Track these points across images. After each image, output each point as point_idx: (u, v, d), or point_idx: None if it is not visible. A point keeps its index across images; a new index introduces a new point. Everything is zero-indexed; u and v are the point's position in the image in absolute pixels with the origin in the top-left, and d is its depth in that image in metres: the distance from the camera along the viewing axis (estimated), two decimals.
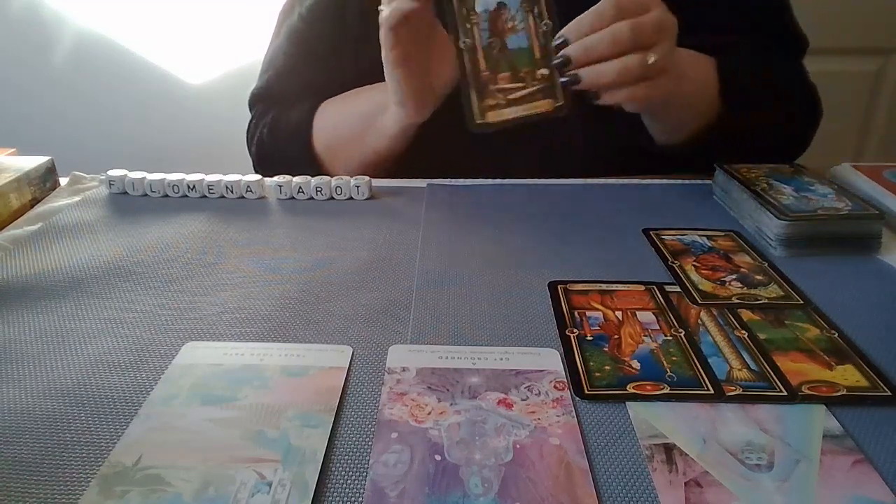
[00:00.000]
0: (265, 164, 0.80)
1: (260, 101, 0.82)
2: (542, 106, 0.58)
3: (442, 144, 0.68)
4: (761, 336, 0.44)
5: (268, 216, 0.63)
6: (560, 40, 0.56)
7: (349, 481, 0.32)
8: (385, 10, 0.58)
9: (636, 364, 0.41)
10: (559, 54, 0.56)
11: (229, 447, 0.34)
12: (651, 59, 0.54)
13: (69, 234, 0.58)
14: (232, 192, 0.66)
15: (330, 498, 0.32)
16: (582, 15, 0.55)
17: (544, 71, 0.57)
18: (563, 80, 0.56)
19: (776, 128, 0.70)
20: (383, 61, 0.62)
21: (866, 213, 0.56)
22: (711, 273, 0.52)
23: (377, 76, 0.67)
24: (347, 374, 0.40)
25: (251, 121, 0.82)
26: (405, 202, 0.66)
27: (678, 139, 0.70)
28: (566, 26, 0.56)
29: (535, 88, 0.58)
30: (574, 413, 0.37)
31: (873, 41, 1.50)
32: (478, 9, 0.56)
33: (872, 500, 0.31)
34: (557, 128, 0.62)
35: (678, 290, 0.49)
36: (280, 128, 0.77)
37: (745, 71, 0.68)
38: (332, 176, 0.68)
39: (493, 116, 0.59)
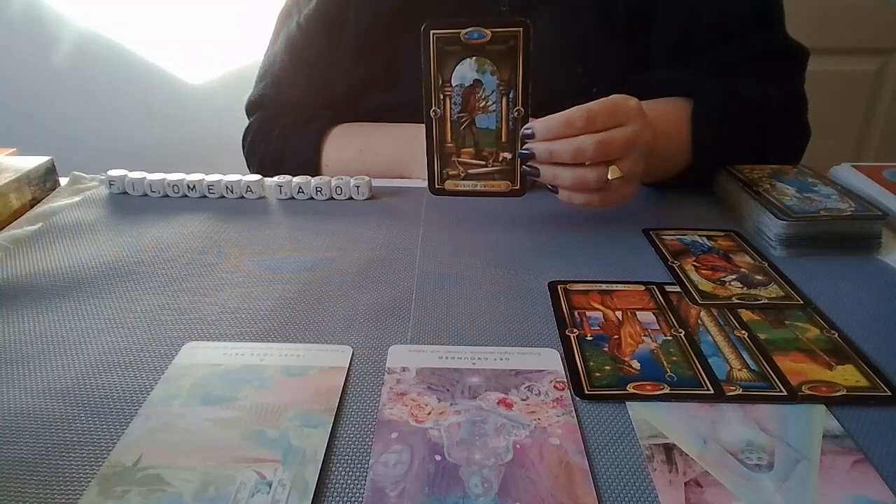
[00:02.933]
0: (266, 176, 0.80)
1: (257, 108, 0.82)
2: (499, 186, 0.59)
3: None
4: (761, 336, 0.44)
5: (268, 216, 0.63)
6: (528, 131, 0.55)
7: (349, 481, 0.32)
8: None
9: (636, 364, 0.41)
10: (524, 147, 0.56)
11: (229, 447, 0.34)
12: (611, 176, 0.54)
13: (69, 234, 0.58)
14: (232, 192, 0.66)
15: (330, 498, 0.32)
16: (553, 116, 0.54)
17: (507, 155, 0.58)
18: (524, 167, 0.57)
19: (755, 158, 0.69)
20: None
21: (867, 214, 0.55)
22: (711, 273, 0.52)
23: (370, 90, 0.68)
24: (347, 374, 0.40)
25: (247, 131, 0.81)
26: (405, 202, 0.66)
27: (654, 181, 0.69)
28: (537, 121, 0.55)
29: (494, 169, 0.59)
30: (574, 413, 0.37)
31: (873, 41, 1.50)
32: (454, 82, 0.56)
33: (872, 500, 0.31)
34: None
35: (678, 290, 0.49)
36: (287, 153, 0.76)
37: (714, 117, 0.65)
38: None
39: (450, 185, 0.60)
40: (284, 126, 0.77)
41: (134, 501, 0.31)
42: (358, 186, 0.66)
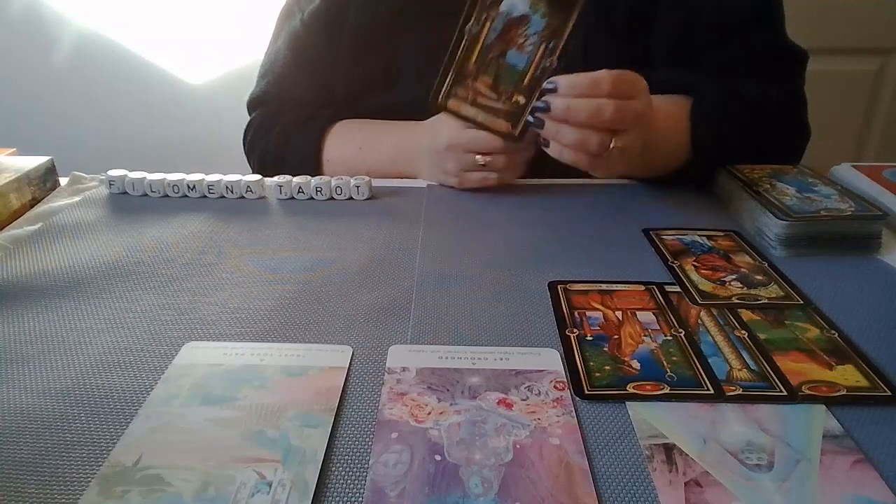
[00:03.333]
0: (266, 172, 0.79)
1: (259, 105, 0.82)
2: (499, 126, 0.59)
3: None
4: (761, 336, 0.44)
5: (268, 216, 0.63)
6: (551, 86, 0.55)
7: (349, 481, 0.32)
8: (475, 177, 0.64)
9: (636, 364, 0.41)
10: (543, 99, 0.56)
11: (229, 447, 0.34)
12: (612, 145, 0.55)
13: (69, 234, 0.58)
14: (232, 192, 0.66)
15: (330, 498, 0.32)
16: (579, 75, 0.55)
17: (521, 98, 0.57)
18: (530, 118, 0.57)
19: (756, 155, 0.69)
20: (437, 170, 0.68)
21: (867, 214, 0.55)
22: (711, 273, 0.52)
23: (370, 89, 0.67)
24: (347, 374, 0.40)
25: (249, 128, 0.81)
26: (405, 202, 0.66)
27: (653, 175, 0.70)
28: (562, 76, 0.55)
29: (503, 108, 0.58)
30: (574, 413, 0.37)
31: (873, 41, 1.50)
32: (502, 8, 0.55)
33: (872, 500, 0.31)
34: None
35: (678, 290, 0.49)
36: (287, 150, 0.76)
37: (714, 116, 0.66)
38: None
39: (453, 105, 0.59)
40: (286, 123, 0.77)
41: (134, 501, 0.31)
42: (358, 186, 0.66)
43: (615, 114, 0.54)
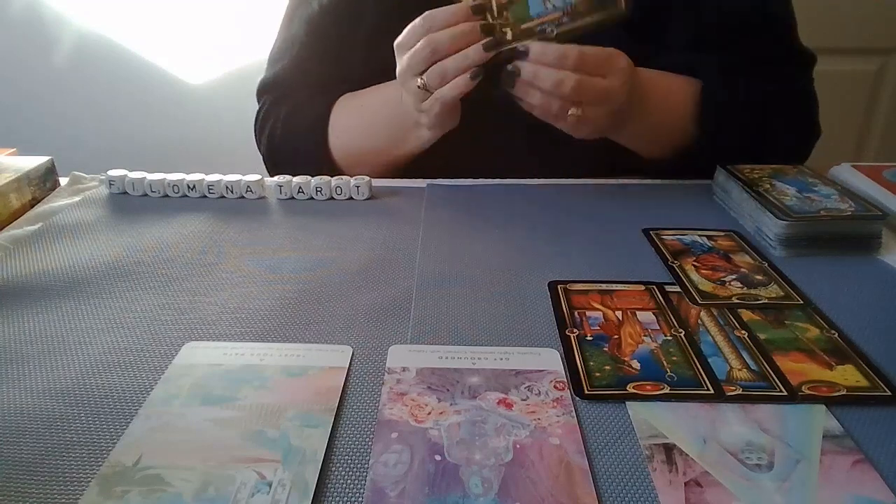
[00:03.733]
0: (276, 158, 0.79)
1: (270, 91, 0.80)
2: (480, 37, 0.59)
3: (442, 144, 0.68)
4: (761, 336, 0.44)
5: (268, 216, 0.63)
6: (523, 49, 0.58)
7: (349, 481, 0.32)
8: (444, 92, 0.60)
9: (636, 364, 0.41)
10: (514, 63, 0.58)
11: (229, 447, 0.34)
12: (571, 112, 0.58)
13: (69, 234, 0.58)
14: (232, 192, 0.66)
15: (330, 498, 0.32)
16: (551, 45, 0.57)
17: (507, 33, 0.59)
18: (507, 67, 0.59)
19: (765, 147, 0.70)
20: (414, 107, 0.64)
21: (867, 214, 0.55)
22: (711, 273, 0.52)
23: (388, 74, 0.67)
24: (347, 374, 0.40)
25: (259, 112, 0.80)
26: (405, 202, 0.66)
27: (658, 156, 0.71)
28: (535, 43, 0.58)
29: (491, 39, 0.59)
30: (574, 413, 0.37)
31: (873, 41, 1.50)
32: None
33: (872, 500, 0.31)
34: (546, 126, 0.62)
35: (678, 290, 0.49)
36: (294, 124, 0.76)
37: (723, 95, 0.68)
38: (342, 173, 0.67)
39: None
40: (297, 100, 0.76)
41: (134, 501, 0.31)
42: (358, 186, 0.66)
43: (575, 89, 0.57)
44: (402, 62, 0.62)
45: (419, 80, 0.60)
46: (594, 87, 0.58)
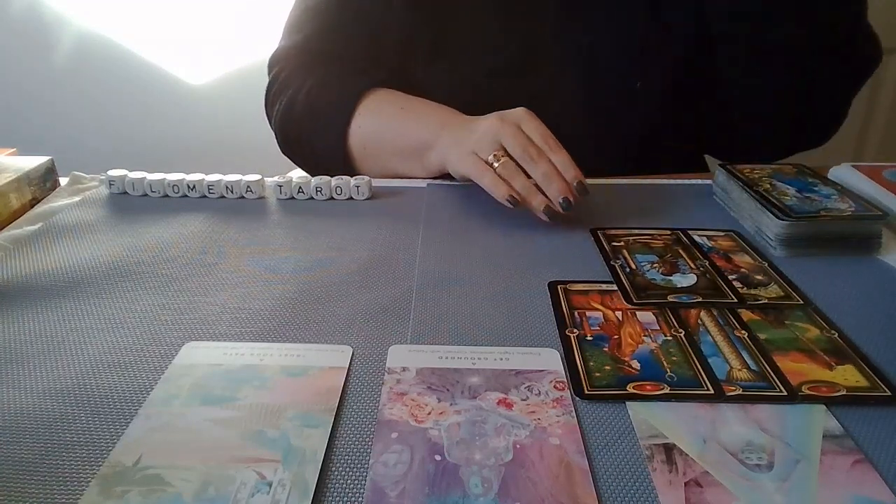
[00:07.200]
0: (289, 130, 0.75)
1: (286, 59, 0.77)
2: None
3: None
4: (761, 336, 0.44)
5: (268, 216, 0.63)
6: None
7: (349, 481, 0.32)
8: (489, 185, 0.59)
9: (636, 364, 0.41)
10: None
11: (229, 447, 0.34)
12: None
13: (69, 234, 0.58)
14: (232, 192, 0.66)
15: (330, 498, 0.32)
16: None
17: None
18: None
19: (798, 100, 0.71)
20: (448, 155, 0.64)
21: (867, 214, 0.55)
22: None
23: (420, 51, 0.65)
24: (347, 374, 0.40)
25: (273, 82, 0.77)
26: (405, 202, 0.66)
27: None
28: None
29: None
30: (574, 413, 0.37)
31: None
32: None
33: (872, 500, 0.31)
34: (561, 123, 0.62)
35: None
36: (321, 95, 0.72)
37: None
38: (348, 160, 0.66)
39: None
40: (327, 73, 0.73)
41: (134, 501, 0.31)
42: (358, 186, 0.66)
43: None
44: (493, 128, 0.60)
45: (492, 156, 0.60)
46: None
